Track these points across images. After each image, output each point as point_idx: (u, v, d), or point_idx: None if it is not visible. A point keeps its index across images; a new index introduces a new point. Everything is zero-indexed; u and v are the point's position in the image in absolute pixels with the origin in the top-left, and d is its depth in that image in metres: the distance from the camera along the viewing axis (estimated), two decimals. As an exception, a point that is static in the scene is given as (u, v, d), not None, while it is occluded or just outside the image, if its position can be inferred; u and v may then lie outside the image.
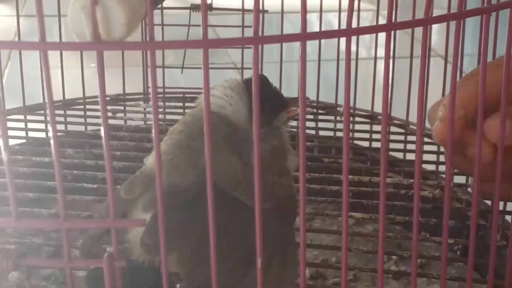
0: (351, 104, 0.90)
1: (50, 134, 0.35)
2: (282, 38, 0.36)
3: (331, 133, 0.89)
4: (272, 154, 0.53)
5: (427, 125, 0.83)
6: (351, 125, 0.88)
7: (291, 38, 0.39)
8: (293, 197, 0.54)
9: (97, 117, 0.86)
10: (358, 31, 0.39)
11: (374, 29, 0.40)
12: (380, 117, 0.89)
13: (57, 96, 0.89)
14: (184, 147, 0.51)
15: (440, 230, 0.74)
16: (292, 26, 1.23)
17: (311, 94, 0.92)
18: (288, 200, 0.53)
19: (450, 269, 0.74)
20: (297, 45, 0.36)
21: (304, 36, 0.37)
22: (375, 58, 0.88)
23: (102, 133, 0.37)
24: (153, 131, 0.38)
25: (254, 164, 0.49)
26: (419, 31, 0.39)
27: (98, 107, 0.85)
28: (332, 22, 1.45)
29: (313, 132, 0.89)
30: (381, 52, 0.50)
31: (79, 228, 0.43)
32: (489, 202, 0.76)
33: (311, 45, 0.90)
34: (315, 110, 0.91)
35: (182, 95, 0.93)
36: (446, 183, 0.45)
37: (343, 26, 0.36)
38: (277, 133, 0.56)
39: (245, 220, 0.47)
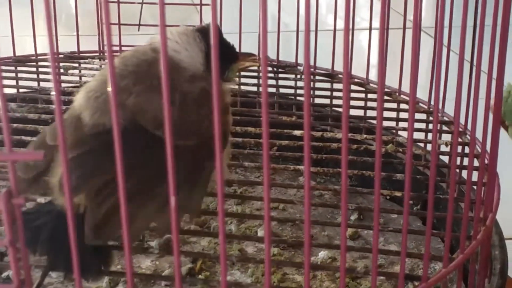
0: (312, 63, 0.88)
1: None
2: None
3: (292, 91, 0.88)
4: (199, 96, 0.51)
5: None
6: (312, 84, 0.86)
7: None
8: (225, 133, 0.53)
9: (49, 73, 0.84)
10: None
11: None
12: (340, 75, 0.87)
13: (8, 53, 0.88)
14: None
15: (390, 184, 0.73)
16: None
17: (271, 53, 0.90)
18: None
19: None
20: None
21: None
22: (335, 19, 0.85)
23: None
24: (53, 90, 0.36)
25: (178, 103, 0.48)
26: None
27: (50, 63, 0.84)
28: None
29: (273, 90, 0.87)
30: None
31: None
32: (444, 158, 0.74)
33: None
34: (275, 69, 0.89)
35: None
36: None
37: None
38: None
39: (161, 157, 0.46)
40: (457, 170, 0.68)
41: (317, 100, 0.86)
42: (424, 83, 0.83)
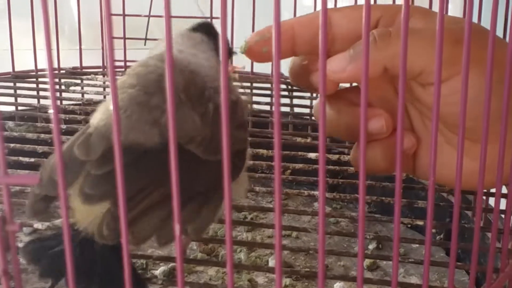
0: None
1: None
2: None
3: (307, 111, 0.85)
4: (232, 107, 0.49)
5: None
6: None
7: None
8: (245, 150, 0.51)
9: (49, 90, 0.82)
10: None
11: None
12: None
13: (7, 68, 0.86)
14: (142, 104, 0.47)
15: (412, 211, 0.70)
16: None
17: (285, 70, 0.88)
18: (239, 153, 0.50)
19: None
20: None
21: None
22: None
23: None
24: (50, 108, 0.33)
25: (211, 115, 0.47)
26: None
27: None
28: None
29: (287, 109, 0.84)
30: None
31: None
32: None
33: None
34: (289, 87, 0.87)
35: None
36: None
37: None
38: (233, 86, 0.52)
39: (190, 172, 0.45)
40: (484, 197, 0.65)
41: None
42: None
